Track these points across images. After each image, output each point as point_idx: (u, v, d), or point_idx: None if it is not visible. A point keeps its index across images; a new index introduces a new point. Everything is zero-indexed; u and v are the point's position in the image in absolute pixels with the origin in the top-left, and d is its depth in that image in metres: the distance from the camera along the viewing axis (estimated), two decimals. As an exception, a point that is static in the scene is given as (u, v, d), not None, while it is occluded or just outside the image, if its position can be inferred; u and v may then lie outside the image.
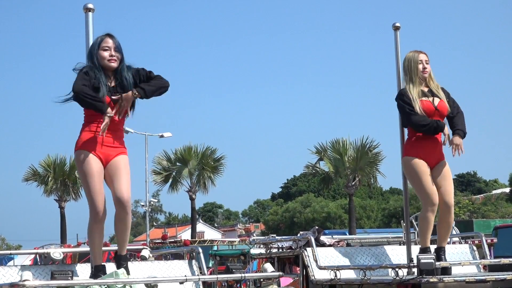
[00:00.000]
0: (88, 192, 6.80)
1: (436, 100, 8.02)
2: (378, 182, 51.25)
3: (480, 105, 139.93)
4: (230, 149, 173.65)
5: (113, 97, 6.72)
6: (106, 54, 6.92)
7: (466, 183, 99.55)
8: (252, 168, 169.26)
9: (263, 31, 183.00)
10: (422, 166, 7.93)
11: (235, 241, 42.10)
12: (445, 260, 7.86)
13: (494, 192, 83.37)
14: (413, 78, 8.07)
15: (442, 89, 8.32)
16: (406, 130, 8.34)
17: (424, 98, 7.94)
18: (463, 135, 8.07)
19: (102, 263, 7.11)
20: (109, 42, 6.99)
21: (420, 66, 8.06)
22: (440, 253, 7.89)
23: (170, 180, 51.14)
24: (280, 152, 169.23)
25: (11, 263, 20.34)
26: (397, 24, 8.87)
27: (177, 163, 50.61)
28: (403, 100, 8.06)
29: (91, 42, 7.34)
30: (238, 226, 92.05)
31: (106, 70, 6.96)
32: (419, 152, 7.98)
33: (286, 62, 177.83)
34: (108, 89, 6.84)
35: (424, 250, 7.86)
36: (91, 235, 6.92)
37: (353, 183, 44.92)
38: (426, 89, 8.13)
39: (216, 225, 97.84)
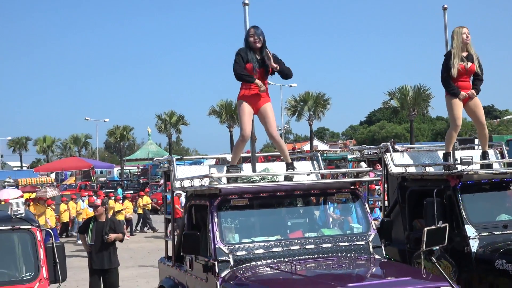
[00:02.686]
0: (241, 124, 6.84)
1: (469, 64, 7.61)
2: (429, 112, 51.14)
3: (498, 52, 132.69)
4: (335, 90, 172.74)
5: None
6: (251, 39, 6.82)
7: (486, 112, 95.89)
8: (348, 104, 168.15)
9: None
10: (456, 101, 7.62)
11: (337, 150, 42.39)
12: (488, 159, 7.61)
13: (506, 117, 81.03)
14: (459, 44, 7.53)
15: (477, 57, 7.75)
16: None
17: (461, 63, 7.54)
18: (477, 92, 7.60)
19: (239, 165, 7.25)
20: (252, 31, 6.87)
21: (464, 36, 7.60)
22: (485, 155, 7.63)
23: (296, 114, 52.11)
24: (366, 93, 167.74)
25: (202, 164, 20.91)
26: (445, 6, 8.20)
27: (300, 103, 51.30)
28: (446, 64, 7.63)
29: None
30: (339, 141, 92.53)
31: (255, 49, 6.88)
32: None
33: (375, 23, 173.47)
34: (257, 60, 6.82)
35: (447, 155, 7.58)
36: (236, 148, 7.01)
37: (413, 113, 44.61)
38: (465, 54, 7.67)
39: (325, 141, 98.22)
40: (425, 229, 5.93)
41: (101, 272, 9.92)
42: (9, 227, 5.33)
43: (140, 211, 23.28)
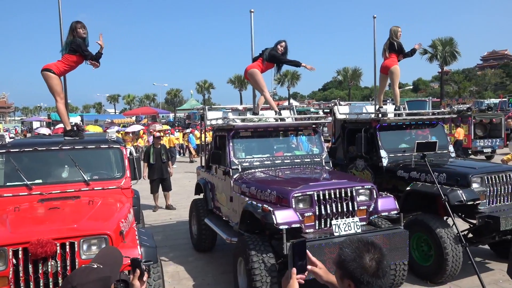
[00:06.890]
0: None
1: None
2: (360, 83, 53.38)
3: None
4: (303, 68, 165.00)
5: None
6: (280, 48, 6.50)
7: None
8: (311, 77, 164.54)
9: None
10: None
11: (304, 105, 41.77)
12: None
13: (405, 88, 77.79)
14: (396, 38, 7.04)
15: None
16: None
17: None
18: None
19: None
20: (283, 44, 6.49)
21: (399, 34, 7.06)
22: (398, 108, 7.44)
23: (280, 83, 52.11)
24: (322, 70, 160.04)
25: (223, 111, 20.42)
26: (374, 15, 7.21)
27: (283, 76, 51.28)
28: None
29: None
30: (305, 101, 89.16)
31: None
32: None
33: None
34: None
35: (380, 107, 7.35)
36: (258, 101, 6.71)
37: (351, 84, 44.29)
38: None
39: (296, 100, 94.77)
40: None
41: (160, 180, 10.46)
42: (107, 146, 5.28)
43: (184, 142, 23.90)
